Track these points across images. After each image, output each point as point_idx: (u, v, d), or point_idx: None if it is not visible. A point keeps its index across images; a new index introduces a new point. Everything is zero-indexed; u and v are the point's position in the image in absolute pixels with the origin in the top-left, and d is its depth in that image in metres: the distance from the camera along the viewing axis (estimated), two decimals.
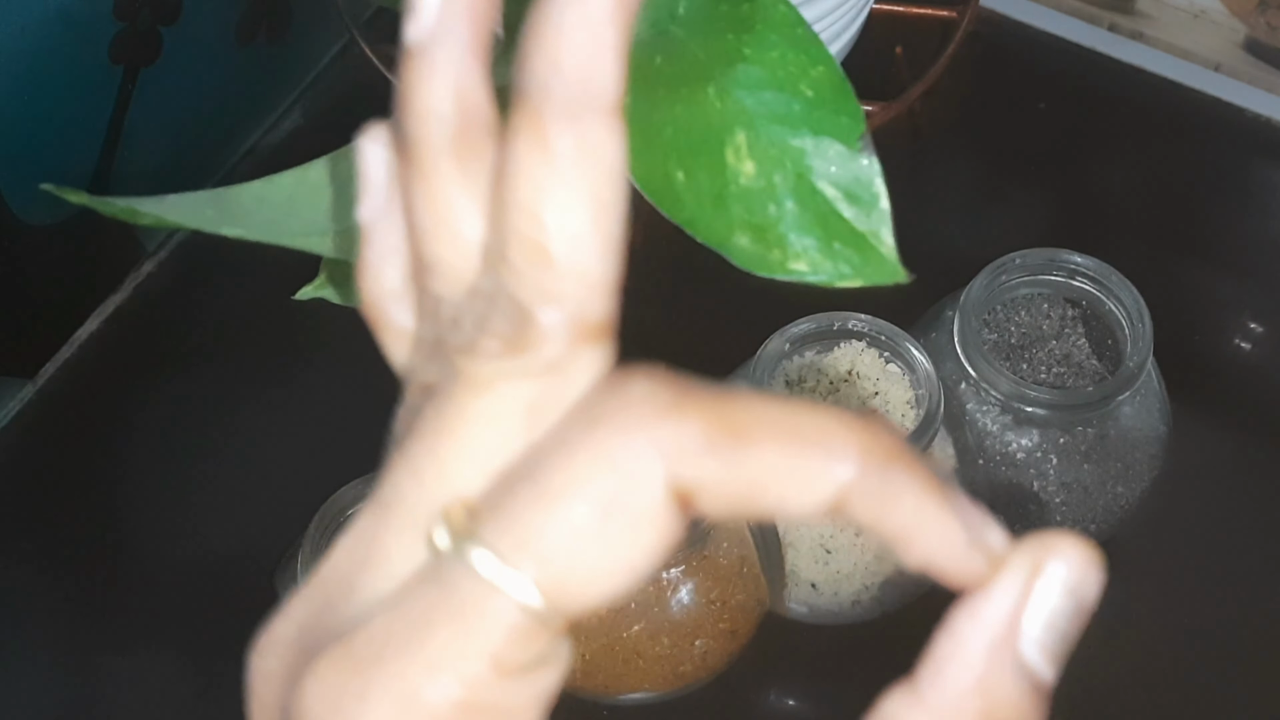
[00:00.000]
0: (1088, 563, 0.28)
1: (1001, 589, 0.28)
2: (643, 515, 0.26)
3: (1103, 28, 0.79)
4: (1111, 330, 0.63)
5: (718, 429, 0.27)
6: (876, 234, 0.44)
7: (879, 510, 0.27)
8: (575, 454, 0.27)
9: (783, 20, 0.46)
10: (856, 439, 0.27)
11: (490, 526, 0.27)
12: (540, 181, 0.27)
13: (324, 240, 0.49)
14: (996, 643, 0.28)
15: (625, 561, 0.27)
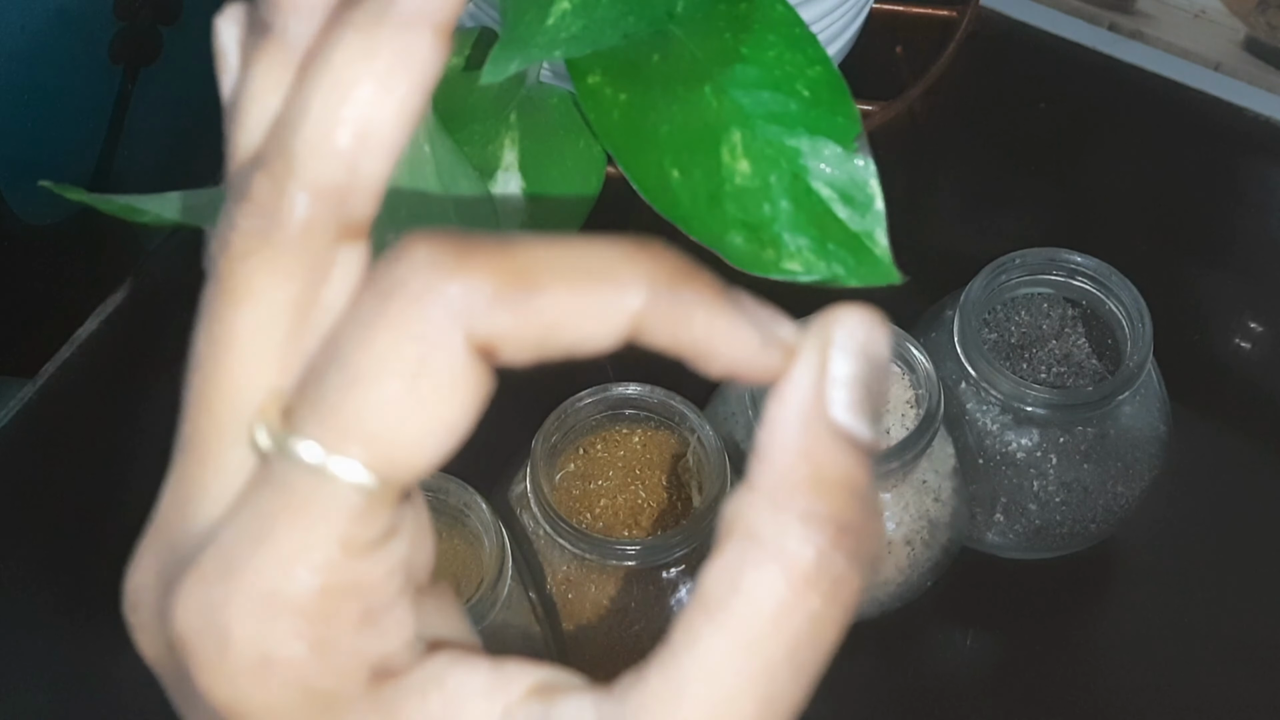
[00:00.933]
0: (870, 323, 0.30)
1: (800, 369, 0.29)
2: (450, 376, 0.27)
3: (1103, 27, 0.79)
4: (1111, 330, 0.63)
5: (506, 280, 0.27)
6: (871, 235, 0.44)
7: (674, 329, 0.28)
8: (373, 331, 0.27)
9: (780, 20, 0.46)
10: (642, 267, 0.28)
11: (307, 418, 0.28)
12: (352, 75, 0.28)
13: None
14: (807, 415, 0.29)
15: (443, 423, 0.27)
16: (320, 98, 0.28)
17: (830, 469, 0.28)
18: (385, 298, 0.27)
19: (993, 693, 0.66)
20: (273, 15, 0.30)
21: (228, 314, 0.29)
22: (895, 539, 0.60)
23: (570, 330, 0.28)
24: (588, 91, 0.46)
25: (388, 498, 0.28)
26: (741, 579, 0.28)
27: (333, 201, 0.29)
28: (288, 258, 0.29)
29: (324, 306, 0.29)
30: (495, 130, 0.57)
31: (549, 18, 0.45)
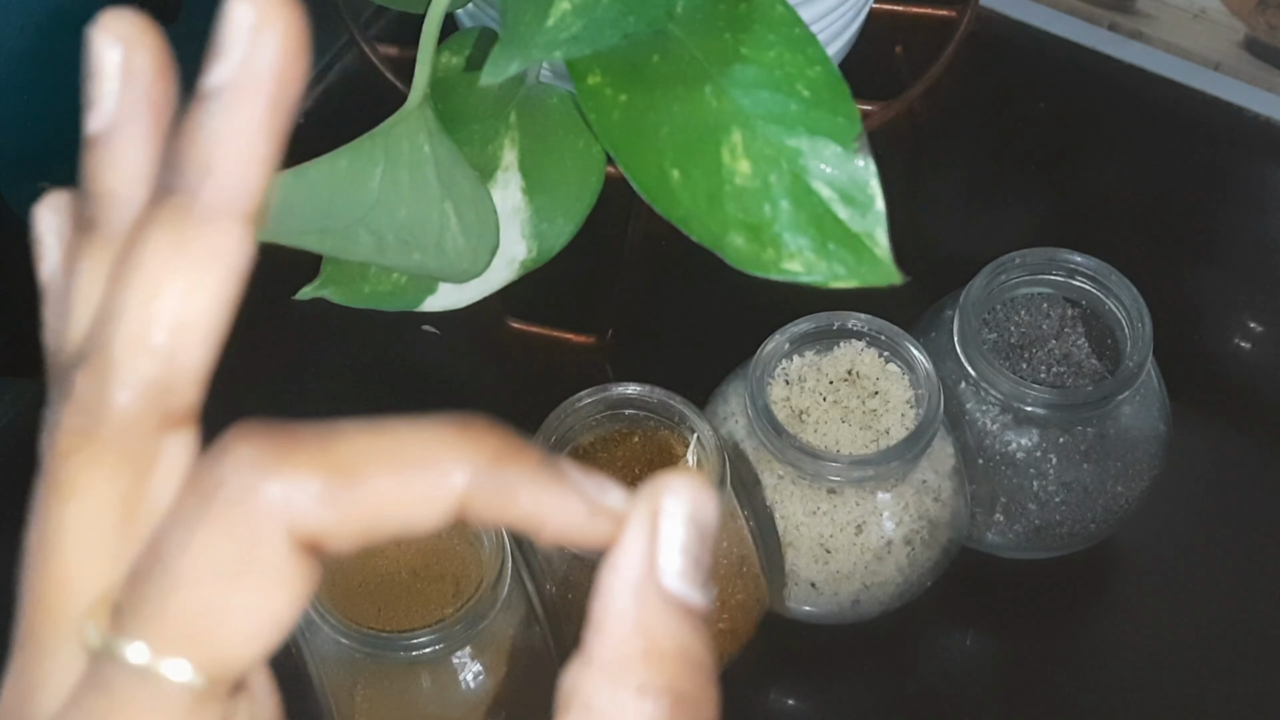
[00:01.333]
0: (698, 490, 0.30)
1: (629, 538, 0.29)
2: (273, 574, 0.28)
3: (1103, 27, 0.79)
4: (1111, 330, 0.63)
5: (327, 474, 0.28)
6: (871, 235, 0.44)
7: (500, 506, 0.29)
8: (195, 532, 0.28)
9: (780, 20, 0.46)
10: (464, 449, 0.29)
11: (133, 620, 0.28)
12: (164, 274, 0.28)
13: (320, 238, 0.49)
14: (639, 585, 0.29)
15: (268, 618, 0.28)
16: (134, 297, 0.29)
17: (665, 640, 0.29)
18: (207, 498, 0.28)
19: (993, 692, 0.66)
20: (95, 209, 0.30)
21: (56, 511, 0.29)
22: (895, 539, 0.60)
23: (396, 516, 0.28)
24: (588, 92, 0.46)
25: (217, 693, 0.28)
26: None
27: (153, 395, 0.29)
28: (112, 454, 0.29)
29: (153, 497, 0.29)
30: (495, 130, 0.57)
31: (549, 18, 0.45)
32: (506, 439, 0.29)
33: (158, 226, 0.29)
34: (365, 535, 0.28)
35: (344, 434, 0.28)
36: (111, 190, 0.30)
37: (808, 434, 0.60)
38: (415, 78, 0.53)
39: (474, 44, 0.59)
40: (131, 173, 0.30)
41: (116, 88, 0.30)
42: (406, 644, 0.53)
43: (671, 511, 0.30)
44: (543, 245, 0.57)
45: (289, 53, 0.28)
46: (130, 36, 0.30)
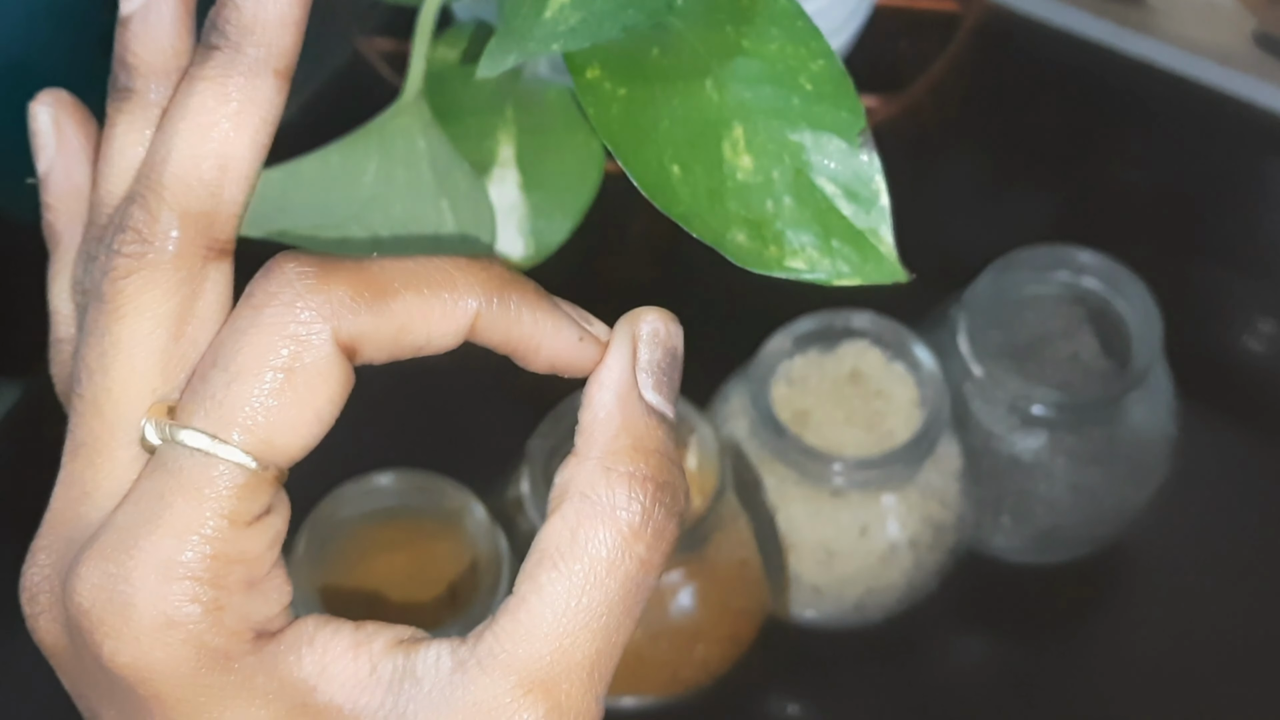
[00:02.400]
0: (666, 318, 0.36)
1: (613, 357, 0.35)
2: (319, 370, 0.32)
3: (1110, 21, 0.79)
4: (1120, 329, 0.63)
5: (364, 288, 0.33)
6: (876, 232, 0.43)
7: (505, 328, 0.34)
8: (250, 334, 0.32)
9: (783, 12, 0.45)
10: (477, 276, 0.34)
11: (194, 412, 0.32)
12: (211, 115, 0.34)
13: (316, 234, 0.49)
14: (623, 395, 0.35)
15: (315, 412, 0.32)
16: (183, 138, 0.34)
17: (646, 437, 0.34)
18: (260, 307, 0.32)
19: (998, 698, 0.66)
20: (134, 80, 0.36)
21: (115, 327, 0.33)
22: (900, 542, 0.60)
23: (420, 330, 0.33)
24: (586, 86, 0.45)
25: (267, 478, 0.32)
26: (579, 533, 0.33)
27: (202, 225, 0.34)
28: (165, 277, 0.33)
29: (199, 319, 0.34)
30: (491, 125, 0.57)
31: (546, 10, 0.44)
32: (513, 272, 0.35)
33: (204, 79, 0.34)
34: (394, 344, 0.33)
35: (378, 260, 0.33)
36: (147, 61, 0.35)
37: (810, 435, 0.60)
38: (410, 72, 0.53)
39: (470, 38, 0.58)
40: (164, 45, 0.35)
41: None
42: None
43: (646, 337, 0.36)
44: (540, 242, 0.57)
45: None
46: None
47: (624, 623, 0.34)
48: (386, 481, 0.56)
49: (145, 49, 0.36)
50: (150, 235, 0.33)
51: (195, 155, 0.33)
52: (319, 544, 0.55)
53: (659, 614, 0.58)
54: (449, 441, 0.69)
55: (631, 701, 0.61)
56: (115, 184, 0.35)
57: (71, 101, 0.38)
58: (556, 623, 0.33)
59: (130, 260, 0.33)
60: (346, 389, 0.33)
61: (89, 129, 0.38)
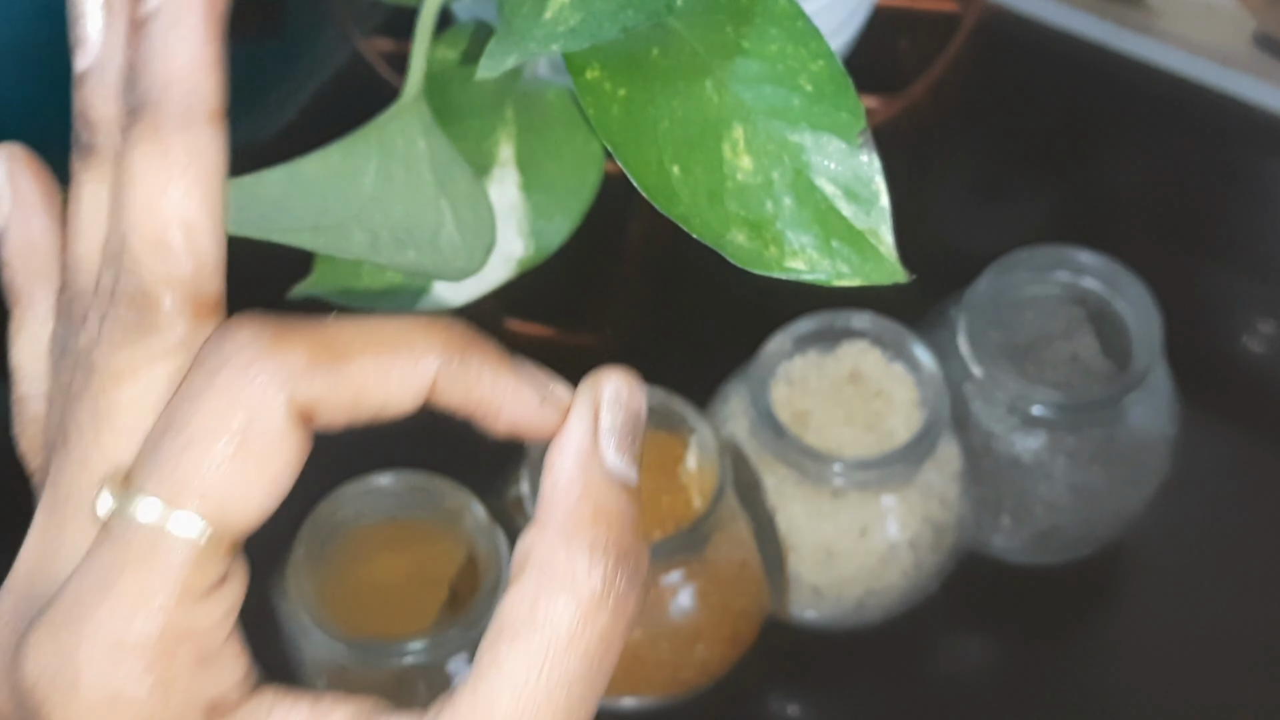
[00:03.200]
0: (629, 380, 0.36)
1: (575, 422, 0.35)
2: (275, 437, 0.32)
3: (1110, 21, 0.79)
4: (1120, 330, 0.62)
5: (320, 351, 0.32)
6: (875, 232, 0.43)
7: (465, 390, 0.34)
8: (203, 399, 0.32)
9: (782, 13, 0.45)
10: (437, 336, 0.33)
11: (147, 479, 0.32)
12: (159, 181, 0.33)
13: (316, 235, 0.49)
14: (585, 460, 0.34)
15: (270, 479, 0.32)
16: (139, 209, 0.33)
17: (608, 504, 0.34)
18: (214, 371, 0.32)
19: (998, 698, 0.66)
20: (95, 136, 0.35)
21: (111, 392, 0.33)
22: (900, 543, 0.60)
23: (378, 393, 0.33)
24: (586, 86, 0.45)
25: (221, 548, 0.32)
26: (538, 604, 0.33)
27: (188, 288, 0.33)
28: (159, 342, 0.33)
29: None
30: (491, 126, 0.57)
31: (546, 11, 0.44)
32: (473, 333, 0.34)
33: (141, 142, 0.33)
34: (352, 408, 0.33)
35: (335, 322, 0.33)
36: (107, 116, 0.35)
37: (810, 436, 0.59)
38: (410, 72, 0.53)
39: (470, 38, 0.58)
40: (122, 99, 0.34)
41: (100, 27, 0.35)
42: (402, 651, 0.53)
43: (608, 401, 0.35)
44: (540, 243, 0.57)
45: None
46: None
47: (587, 696, 0.33)
48: (386, 482, 0.56)
49: (105, 103, 0.35)
50: (141, 304, 0.33)
51: (156, 224, 0.33)
52: (318, 545, 0.55)
53: (659, 615, 0.58)
54: (449, 441, 0.68)
55: (631, 702, 0.61)
56: (88, 244, 0.35)
57: (25, 155, 0.37)
58: (515, 700, 0.32)
59: (123, 330, 0.33)
60: (303, 455, 0.32)
61: (45, 183, 0.37)
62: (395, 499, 0.56)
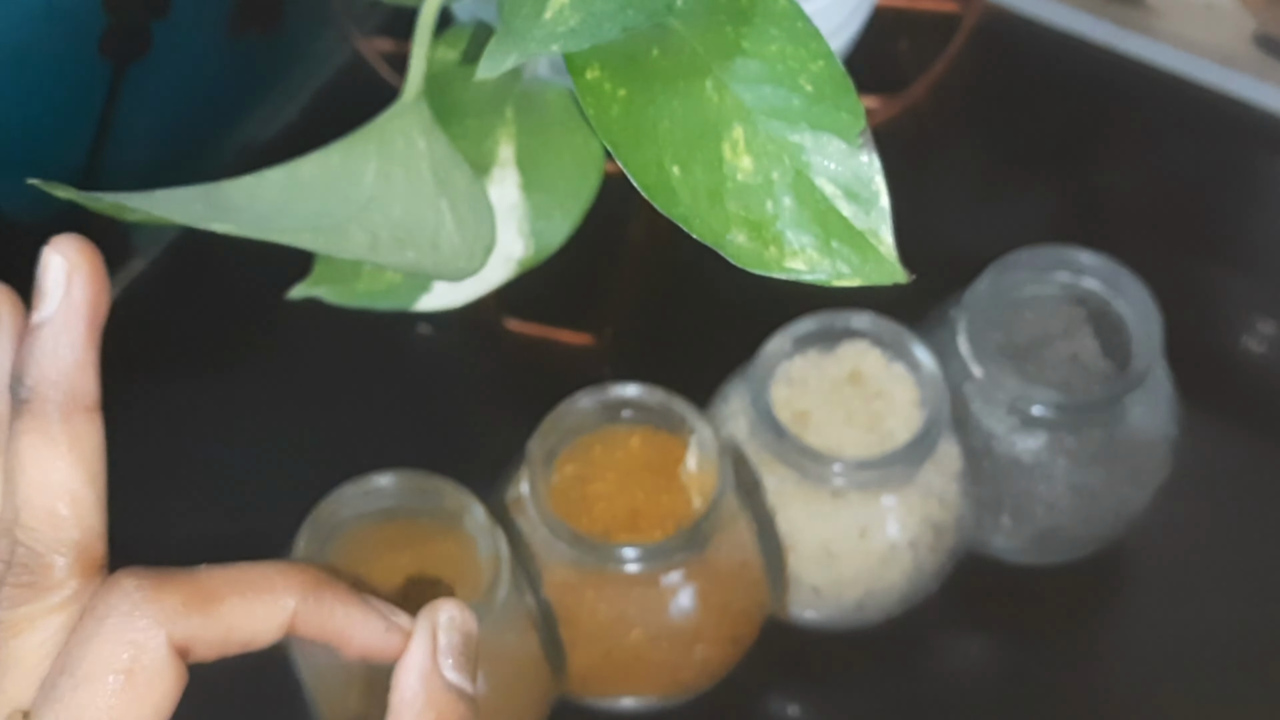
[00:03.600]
0: (460, 608, 0.42)
1: (416, 644, 0.41)
2: (156, 672, 0.37)
3: (1110, 21, 0.79)
4: (1120, 330, 0.62)
5: (194, 595, 0.38)
6: (875, 232, 0.43)
7: (320, 622, 0.40)
8: (93, 642, 0.37)
9: (782, 13, 0.45)
10: (295, 578, 0.40)
11: (47, 714, 0.37)
12: (47, 463, 0.39)
13: (315, 236, 0.49)
14: (427, 675, 0.40)
15: (153, 708, 0.37)
16: (32, 487, 0.39)
17: (449, 712, 0.40)
18: (102, 618, 0.37)
19: (998, 699, 0.66)
20: None
21: (11, 643, 0.38)
22: (900, 543, 0.60)
23: (245, 628, 0.39)
24: (586, 87, 0.45)
25: None
26: None
27: (77, 551, 0.39)
28: (54, 598, 0.38)
29: None
30: (491, 126, 0.57)
31: (546, 11, 0.44)
32: (325, 574, 0.41)
33: (28, 431, 0.39)
34: (224, 643, 0.38)
35: (206, 571, 0.39)
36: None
37: (810, 436, 0.59)
38: (410, 72, 0.53)
39: (470, 38, 0.58)
40: (3, 401, 0.40)
41: None
42: None
43: (444, 625, 0.41)
44: (540, 243, 0.57)
45: (96, 286, 0.40)
46: None
47: None
48: (386, 482, 0.56)
49: None
50: (35, 567, 0.38)
51: (47, 498, 0.38)
52: (319, 545, 0.55)
53: (659, 615, 0.58)
54: (449, 442, 0.69)
55: (631, 702, 0.61)
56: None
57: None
58: None
59: (22, 590, 0.38)
60: (181, 686, 0.38)
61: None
62: (395, 499, 0.56)
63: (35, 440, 0.39)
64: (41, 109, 0.65)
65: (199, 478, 0.69)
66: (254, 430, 0.71)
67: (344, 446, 0.68)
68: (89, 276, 0.40)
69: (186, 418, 0.70)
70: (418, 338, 0.72)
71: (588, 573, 0.57)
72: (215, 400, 0.71)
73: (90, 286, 0.40)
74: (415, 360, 0.72)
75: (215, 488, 0.69)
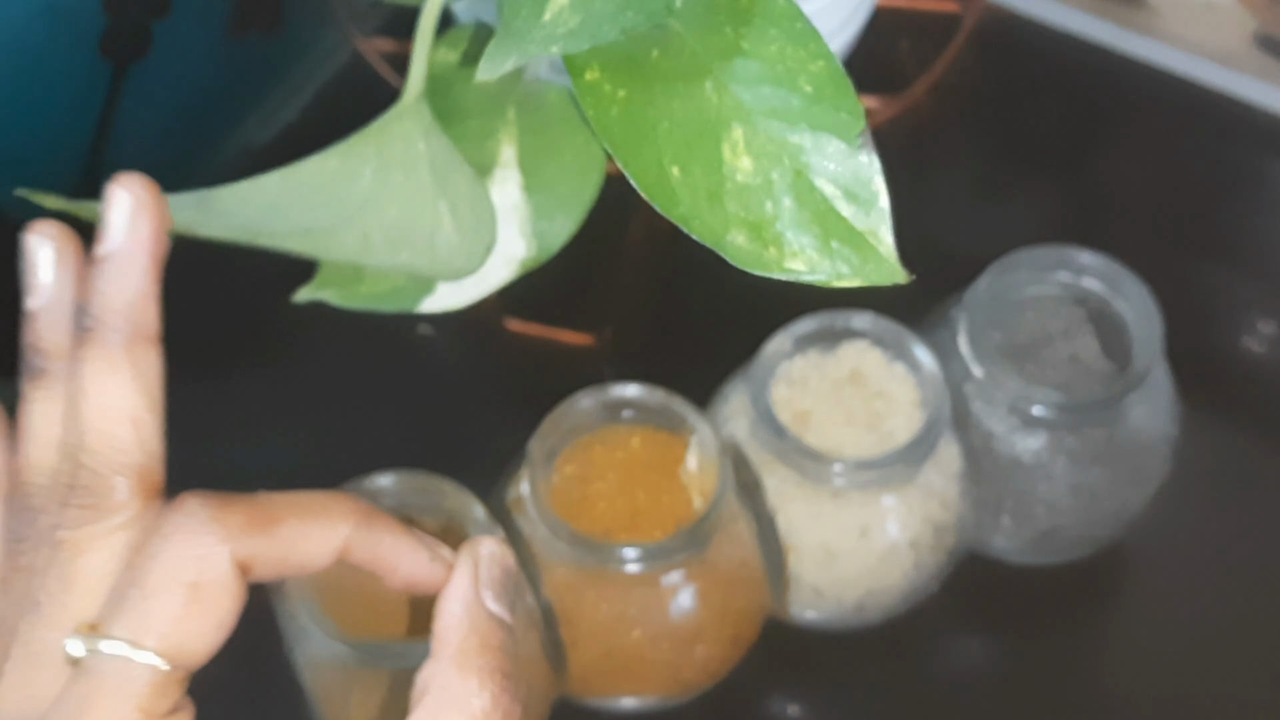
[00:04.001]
0: (501, 543, 0.44)
1: (459, 575, 0.42)
2: (220, 586, 0.39)
3: (1110, 21, 0.79)
4: (1121, 330, 0.62)
5: (256, 517, 0.39)
6: (875, 233, 0.43)
7: (371, 548, 0.42)
8: (161, 556, 0.38)
9: (782, 14, 0.45)
10: (347, 506, 0.41)
11: (114, 624, 0.38)
12: (110, 388, 0.40)
13: (304, 239, 0.49)
14: (470, 604, 0.42)
15: (218, 620, 0.39)
16: (94, 408, 0.40)
17: (491, 637, 0.41)
18: (169, 535, 0.39)
19: (999, 699, 0.66)
20: (47, 362, 0.42)
21: (77, 561, 0.40)
22: (900, 543, 0.60)
23: (302, 550, 0.40)
24: (586, 87, 0.45)
25: (177, 678, 0.38)
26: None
27: (139, 474, 0.41)
28: (117, 520, 0.40)
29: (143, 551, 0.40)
30: (493, 127, 0.57)
31: (546, 12, 0.44)
32: (374, 509, 0.42)
33: (92, 358, 0.41)
34: (281, 563, 0.40)
35: (267, 495, 0.40)
36: (55, 344, 0.42)
37: (811, 436, 0.59)
38: (411, 73, 0.53)
39: (470, 39, 0.58)
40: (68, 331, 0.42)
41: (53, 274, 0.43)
42: (402, 652, 0.53)
43: (485, 559, 0.43)
44: (542, 244, 0.57)
45: (159, 223, 0.42)
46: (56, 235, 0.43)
47: None
48: (386, 482, 0.56)
49: (54, 334, 0.42)
50: (99, 488, 0.40)
51: (109, 420, 0.40)
52: None
53: (659, 615, 0.58)
54: (449, 442, 0.68)
55: (631, 702, 0.61)
56: (41, 449, 0.42)
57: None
58: None
59: (86, 511, 0.40)
60: (242, 601, 0.39)
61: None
62: (395, 499, 0.56)
63: (100, 367, 0.40)
64: (41, 109, 0.65)
65: (199, 478, 0.69)
66: (254, 431, 0.71)
67: (345, 446, 0.68)
68: (153, 212, 0.42)
69: (186, 418, 0.70)
70: (419, 338, 0.72)
71: (588, 573, 0.57)
72: (216, 401, 0.71)
73: (154, 223, 0.42)
74: (416, 360, 0.72)
75: (215, 488, 0.69)
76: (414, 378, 0.72)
